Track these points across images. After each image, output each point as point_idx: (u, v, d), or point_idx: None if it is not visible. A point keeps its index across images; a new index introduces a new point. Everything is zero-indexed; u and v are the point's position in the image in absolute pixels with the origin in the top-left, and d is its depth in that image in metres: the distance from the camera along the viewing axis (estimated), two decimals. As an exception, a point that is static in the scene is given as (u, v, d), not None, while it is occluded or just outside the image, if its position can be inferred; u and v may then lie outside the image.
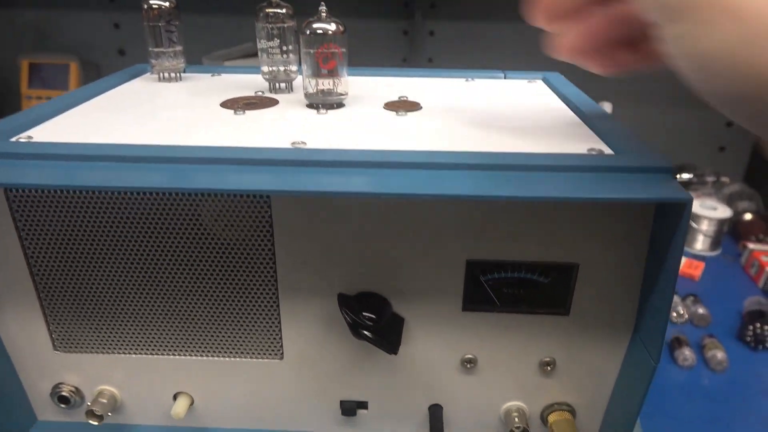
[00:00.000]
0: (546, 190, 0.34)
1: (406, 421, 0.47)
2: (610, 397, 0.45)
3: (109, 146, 0.39)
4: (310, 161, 0.37)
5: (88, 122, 0.46)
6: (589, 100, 0.52)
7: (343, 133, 0.43)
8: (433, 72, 0.63)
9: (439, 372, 0.45)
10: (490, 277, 0.41)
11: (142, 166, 0.37)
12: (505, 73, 0.63)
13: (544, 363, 0.44)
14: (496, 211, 0.39)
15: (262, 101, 0.51)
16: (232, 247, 0.41)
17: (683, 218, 0.33)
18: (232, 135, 0.43)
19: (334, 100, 0.50)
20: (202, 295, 0.43)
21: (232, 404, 0.48)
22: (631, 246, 0.39)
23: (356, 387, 0.46)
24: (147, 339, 0.45)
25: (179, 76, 0.59)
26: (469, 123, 0.46)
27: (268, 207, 0.39)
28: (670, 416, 0.79)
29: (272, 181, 0.36)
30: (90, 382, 0.47)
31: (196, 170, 0.37)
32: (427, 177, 0.36)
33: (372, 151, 0.38)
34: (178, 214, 0.40)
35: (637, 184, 0.35)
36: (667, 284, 0.36)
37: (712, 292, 1.06)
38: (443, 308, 0.42)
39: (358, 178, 0.36)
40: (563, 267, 0.40)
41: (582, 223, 0.39)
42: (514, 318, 0.42)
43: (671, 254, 0.35)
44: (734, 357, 0.90)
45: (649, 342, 0.39)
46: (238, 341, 0.45)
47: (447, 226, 0.40)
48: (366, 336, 0.40)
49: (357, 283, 0.42)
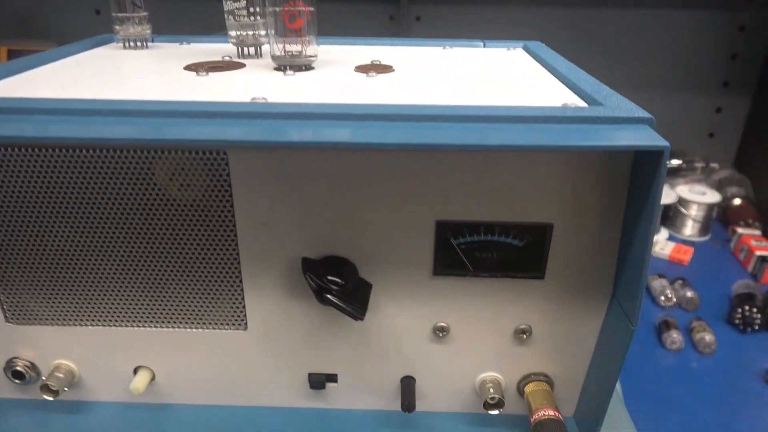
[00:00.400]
0: (520, 139, 0.32)
1: (377, 394, 0.45)
2: (588, 368, 0.43)
3: (54, 100, 0.37)
4: (267, 113, 0.35)
5: (38, 82, 0.43)
6: (570, 65, 0.50)
7: (308, 91, 0.41)
8: (411, 41, 0.61)
9: (411, 341, 0.43)
10: (462, 241, 0.39)
11: (87, 119, 0.35)
12: (484, 42, 0.61)
13: (519, 330, 0.42)
14: (466, 168, 0.37)
15: (228, 65, 0.49)
16: (189, 209, 0.39)
17: (661, 166, 0.31)
18: (190, 94, 0.40)
19: (302, 62, 0.48)
20: (160, 261, 0.41)
21: (195, 379, 0.45)
22: (608, 204, 0.37)
23: (325, 359, 0.44)
24: (104, 309, 0.43)
25: (145, 44, 0.57)
26: (442, 82, 0.44)
27: (226, 164, 0.37)
28: (658, 399, 0.78)
29: (228, 132, 0.34)
30: (46, 357, 0.45)
31: (145, 122, 0.35)
32: (391, 128, 0.34)
33: (333, 104, 0.36)
34: (131, 172, 0.37)
35: (613, 133, 0.33)
36: (644, 240, 0.34)
37: (701, 277, 1.05)
38: (413, 273, 0.40)
39: (317, 129, 0.34)
40: (537, 227, 0.38)
41: (556, 180, 0.37)
42: (487, 283, 0.40)
43: (648, 207, 0.33)
44: (722, 340, 0.89)
45: (626, 304, 0.37)
46: (199, 311, 0.43)
47: (415, 185, 0.38)
48: (331, 301, 0.38)
49: (322, 247, 0.40)
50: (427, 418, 0.46)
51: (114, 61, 0.51)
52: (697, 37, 1.25)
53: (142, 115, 0.35)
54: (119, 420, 0.46)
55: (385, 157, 0.37)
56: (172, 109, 0.35)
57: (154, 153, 0.37)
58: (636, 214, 0.35)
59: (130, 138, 0.33)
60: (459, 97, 0.40)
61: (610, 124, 0.34)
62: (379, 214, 0.39)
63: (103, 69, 0.48)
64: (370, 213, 0.39)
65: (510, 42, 0.60)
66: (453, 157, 0.37)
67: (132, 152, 0.37)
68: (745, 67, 1.27)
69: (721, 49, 1.26)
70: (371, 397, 0.46)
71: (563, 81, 0.45)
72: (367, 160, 0.37)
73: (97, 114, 0.35)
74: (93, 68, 0.48)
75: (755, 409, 0.76)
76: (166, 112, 0.35)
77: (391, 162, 0.37)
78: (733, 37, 1.24)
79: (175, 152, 0.37)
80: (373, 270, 0.40)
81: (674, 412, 0.76)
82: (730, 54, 1.26)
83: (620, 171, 0.36)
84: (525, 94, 0.41)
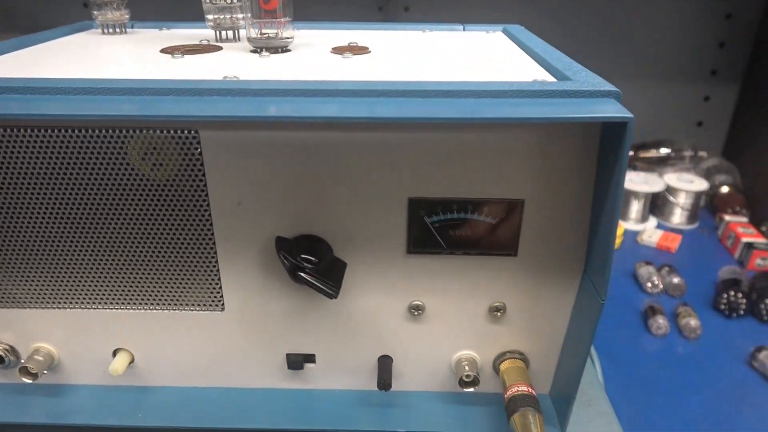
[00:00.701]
0: (488, 112, 0.32)
1: (355, 373, 0.46)
2: (562, 344, 0.43)
3: (22, 79, 0.37)
4: (237, 89, 0.35)
5: (12, 63, 0.43)
6: (546, 46, 0.50)
7: (282, 71, 0.41)
8: (390, 25, 0.61)
9: (387, 320, 0.43)
10: (436, 219, 0.39)
11: (57, 97, 0.35)
12: (464, 26, 0.61)
13: (494, 308, 0.42)
14: (437, 145, 0.37)
15: (205, 48, 0.49)
16: (163, 189, 0.39)
17: (625, 139, 0.32)
18: (163, 74, 0.40)
19: (278, 44, 0.48)
20: (135, 242, 0.41)
21: (173, 360, 0.46)
22: (578, 180, 0.37)
23: (303, 339, 0.44)
24: (81, 292, 0.43)
25: (124, 30, 0.57)
26: (417, 63, 0.44)
27: (198, 143, 0.37)
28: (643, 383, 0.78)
29: (197, 108, 0.34)
30: (25, 340, 0.45)
31: (115, 100, 0.35)
32: (360, 104, 0.34)
33: (305, 81, 0.36)
34: (104, 152, 0.37)
35: (580, 106, 0.33)
36: (611, 213, 0.34)
37: (688, 264, 1.05)
38: (387, 251, 0.41)
39: (287, 105, 0.34)
40: (509, 203, 0.39)
41: (526, 157, 0.37)
42: (461, 260, 0.41)
43: (614, 181, 0.33)
44: (708, 325, 0.89)
45: (596, 278, 0.37)
46: (176, 292, 0.43)
47: (387, 162, 0.38)
48: (304, 279, 0.38)
49: (296, 226, 0.40)
50: (404, 397, 0.46)
51: (90, 45, 0.51)
52: (684, 26, 1.25)
53: (111, 93, 0.35)
54: (99, 402, 0.46)
55: (356, 135, 0.37)
56: (141, 87, 0.35)
57: (126, 132, 0.37)
58: (603, 189, 0.35)
59: (99, 114, 0.33)
60: (432, 75, 0.40)
61: (577, 98, 0.34)
62: (352, 193, 0.39)
63: (78, 52, 0.48)
64: (344, 191, 0.39)
65: (490, 26, 0.61)
66: (424, 135, 0.37)
67: (104, 131, 0.37)
68: (733, 55, 1.27)
69: (708, 37, 1.26)
70: (349, 376, 0.46)
71: (537, 60, 0.45)
72: (339, 138, 0.37)
73: (66, 93, 0.35)
74: (68, 51, 0.48)
75: (739, 391, 0.77)
76: (136, 90, 0.35)
77: (363, 139, 0.37)
78: (720, 25, 1.24)
79: (146, 131, 0.37)
80: (348, 249, 0.41)
81: (658, 396, 0.76)
82: (718, 42, 1.26)
83: (589, 146, 0.36)
84: (497, 71, 0.41)
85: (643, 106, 1.34)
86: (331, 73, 0.41)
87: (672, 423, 0.72)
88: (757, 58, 1.24)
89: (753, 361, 0.81)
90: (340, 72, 0.41)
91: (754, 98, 1.25)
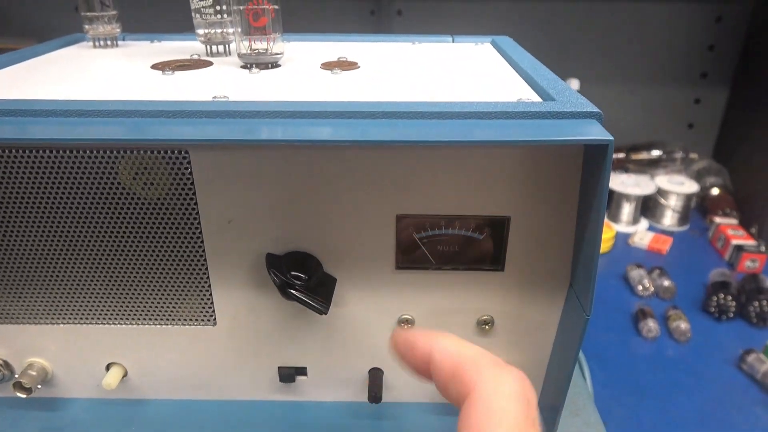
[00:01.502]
0: (473, 135, 0.33)
1: (346, 386, 0.46)
2: (549, 357, 0.44)
3: (13, 101, 0.37)
4: (227, 112, 0.36)
5: (5, 82, 0.44)
6: (533, 60, 0.51)
7: (271, 90, 0.42)
8: (380, 37, 0.62)
9: (377, 334, 0.44)
10: (423, 235, 0.40)
11: (47, 120, 0.35)
12: (453, 37, 0.61)
13: (482, 321, 0.43)
14: (425, 164, 0.38)
15: (195, 63, 0.50)
16: (154, 208, 0.39)
17: (606, 160, 0.32)
18: (154, 93, 0.41)
19: (268, 59, 0.48)
20: (127, 259, 0.41)
21: (166, 374, 0.46)
22: (562, 197, 0.38)
23: (294, 353, 0.45)
24: (74, 307, 0.43)
25: (115, 43, 0.57)
26: (404, 79, 0.45)
27: (188, 163, 0.38)
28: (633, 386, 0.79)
29: (186, 131, 0.34)
30: (19, 355, 0.46)
31: (106, 123, 0.35)
32: (349, 126, 0.34)
33: (294, 102, 0.37)
34: (95, 172, 0.38)
35: (563, 128, 0.34)
36: (594, 229, 0.35)
37: (678, 266, 1.06)
38: (376, 267, 0.41)
39: (277, 128, 0.35)
40: (495, 220, 0.39)
41: (511, 174, 0.38)
42: (449, 275, 0.41)
43: (597, 199, 0.34)
44: (698, 328, 0.90)
45: (581, 293, 0.38)
46: (168, 307, 0.43)
47: (375, 181, 0.38)
48: (294, 296, 0.39)
49: (286, 243, 0.41)
50: (395, 408, 0.47)
51: (82, 60, 0.51)
52: (674, 29, 1.26)
53: (102, 115, 0.36)
54: (92, 416, 0.47)
55: (345, 153, 0.37)
56: (132, 109, 0.36)
57: (117, 153, 0.37)
58: (587, 206, 0.36)
59: (90, 138, 0.34)
60: (418, 94, 0.41)
61: (560, 119, 0.35)
62: (341, 210, 0.39)
63: (70, 69, 0.48)
64: (333, 209, 0.39)
65: (479, 37, 0.61)
66: (411, 153, 0.37)
67: (95, 152, 0.37)
68: (723, 58, 1.28)
69: (698, 40, 1.27)
70: (340, 389, 0.47)
71: (523, 76, 0.46)
72: (328, 156, 0.38)
73: (57, 115, 0.36)
74: (59, 68, 0.48)
75: (728, 393, 0.78)
76: (127, 112, 0.36)
77: (351, 158, 0.38)
78: (710, 28, 1.25)
79: (137, 152, 0.37)
80: (338, 265, 0.41)
81: (648, 398, 0.77)
82: (708, 45, 1.27)
83: (572, 164, 0.37)
84: (484, 89, 0.42)
85: (634, 108, 1.35)
86: (320, 92, 0.41)
87: (661, 425, 0.73)
88: (747, 61, 1.25)
89: (742, 364, 0.82)
90: (330, 90, 0.42)
91: (744, 100, 1.27)
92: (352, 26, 1.28)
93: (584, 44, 1.29)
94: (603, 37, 1.28)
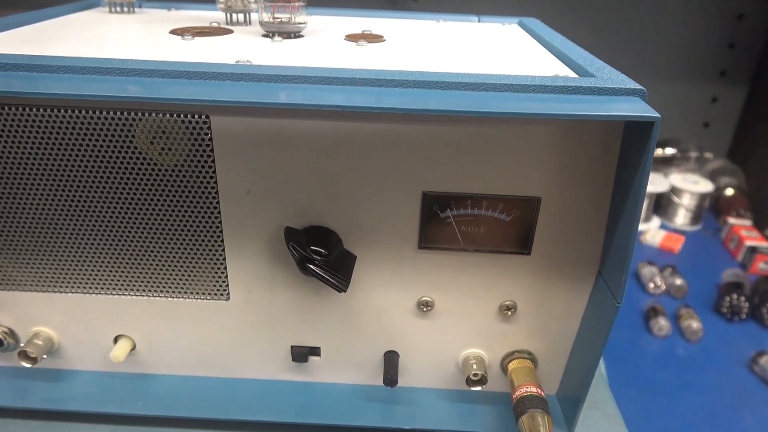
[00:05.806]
0: (510, 107, 0.31)
1: (360, 368, 0.45)
2: (572, 345, 0.42)
3: (28, 56, 0.36)
4: (251, 75, 0.34)
5: (18, 40, 0.42)
6: (565, 40, 0.49)
7: (294, 57, 0.40)
8: (404, 14, 0.60)
9: (395, 316, 0.42)
10: (449, 214, 0.39)
11: (64, 76, 0.34)
12: (479, 17, 0.60)
13: (504, 307, 0.41)
14: (454, 139, 0.36)
15: (215, 30, 0.48)
16: (171, 174, 0.38)
17: (651, 139, 0.31)
18: (174, 56, 0.39)
19: (291, 29, 0.46)
20: (141, 227, 0.40)
21: (176, 349, 0.45)
22: (597, 178, 0.37)
23: (308, 332, 0.44)
24: (84, 276, 0.42)
25: (132, 9, 0.55)
26: (433, 53, 0.43)
27: (208, 128, 0.36)
28: (643, 384, 0.78)
29: (210, 92, 0.33)
30: (25, 323, 0.44)
31: (125, 81, 0.34)
32: (376, 94, 0.33)
33: (321, 68, 0.35)
34: (111, 134, 0.36)
35: (604, 104, 0.32)
36: (632, 215, 0.33)
37: (691, 265, 1.05)
38: (398, 246, 0.40)
39: (303, 92, 0.33)
40: (525, 201, 0.38)
41: (545, 153, 0.36)
42: (473, 258, 0.40)
43: (637, 182, 0.32)
44: (709, 327, 0.89)
45: (611, 280, 0.37)
46: (181, 280, 0.42)
47: (402, 155, 0.37)
48: (313, 271, 0.37)
49: (306, 217, 0.39)
50: (410, 393, 0.45)
51: (97, 23, 0.50)
52: (694, 26, 1.24)
53: (120, 73, 0.34)
54: (98, 389, 0.45)
55: (371, 126, 0.36)
56: (152, 68, 0.34)
57: (134, 114, 0.36)
58: (625, 189, 0.35)
59: (108, 96, 0.32)
60: (450, 66, 0.39)
61: (601, 95, 0.34)
62: (364, 185, 0.38)
63: (85, 30, 0.46)
64: (356, 183, 0.38)
65: (505, 18, 0.59)
66: (441, 127, 0.36)
67: (112, 113, 0.36)
68: (743, 56, 1.26)
69: (718, 37, 1.25)
70: (354, 371, 0.45)
71: (557, 55, 0.44)
72: (353, 128, 0.36)
73: (73, 71, 0.34)
74: (74, 29, 0.47)
75: (739, 394, 0.77)
76: (147, 71, 0.34)
77: (378, 131, 0.36)
78: (731, 25, 1.23)
79: (156, 114, 0.36)
80: (358, 242, 0.40)
81: (659, 396, 0.76)
82: (728, 43, 1.25)
83: (610, 144, 0.35)
84: (517, 65, 0.40)
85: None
86: (347, 61, 0.40)
87: (671, 423, 0.72)
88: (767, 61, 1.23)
89: (754, 366, 0.81)
90: (356, 60, 0.40)
91: (762, 101, 1.25)
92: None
93: (601, 40, 1.27)
94: (621, 32, 1.26)
